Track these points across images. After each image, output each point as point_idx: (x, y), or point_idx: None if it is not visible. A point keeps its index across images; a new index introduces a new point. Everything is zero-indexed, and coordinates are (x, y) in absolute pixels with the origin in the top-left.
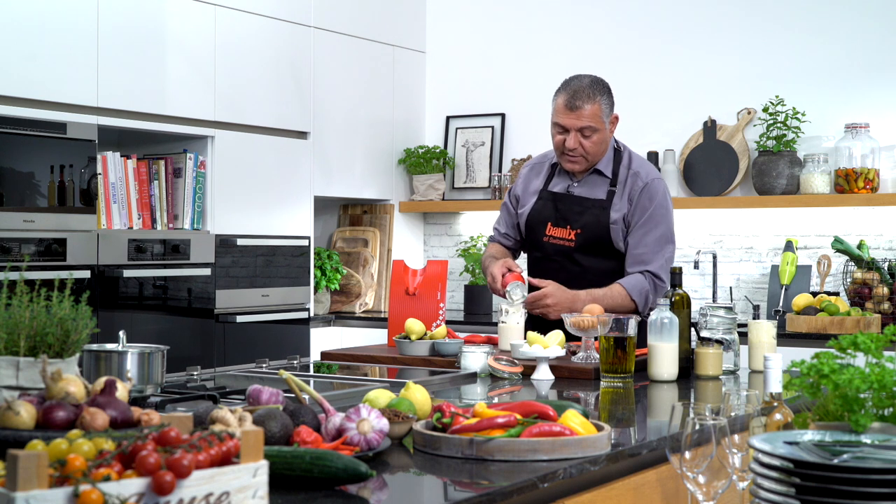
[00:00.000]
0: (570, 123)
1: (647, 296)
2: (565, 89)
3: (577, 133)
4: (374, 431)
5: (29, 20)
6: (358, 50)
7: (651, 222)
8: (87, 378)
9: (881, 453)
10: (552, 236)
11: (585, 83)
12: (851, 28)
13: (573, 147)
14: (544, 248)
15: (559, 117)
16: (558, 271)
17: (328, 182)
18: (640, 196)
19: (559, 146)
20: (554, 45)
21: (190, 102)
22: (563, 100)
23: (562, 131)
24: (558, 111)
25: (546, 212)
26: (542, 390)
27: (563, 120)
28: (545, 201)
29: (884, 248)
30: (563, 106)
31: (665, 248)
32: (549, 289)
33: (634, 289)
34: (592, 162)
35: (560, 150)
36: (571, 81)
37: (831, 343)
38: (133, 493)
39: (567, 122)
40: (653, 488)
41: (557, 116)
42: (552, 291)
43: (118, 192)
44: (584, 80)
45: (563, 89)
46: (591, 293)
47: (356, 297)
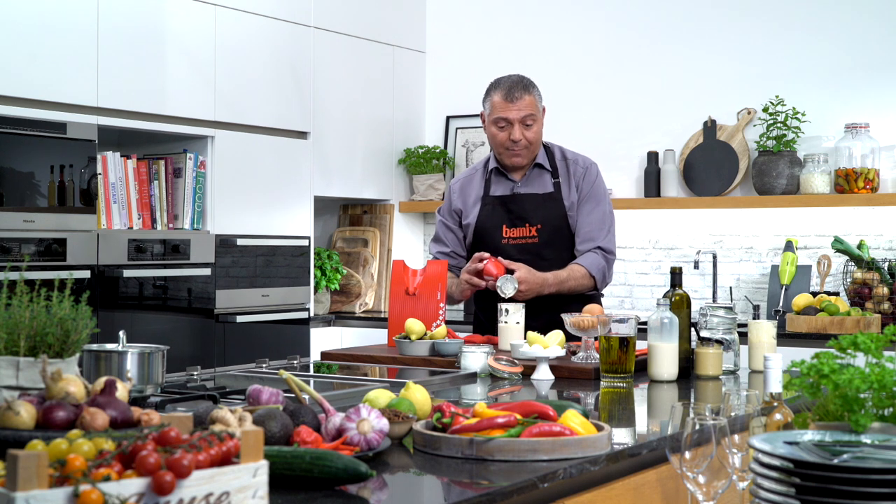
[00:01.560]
0: (513, 115)
1: (603, 272)
2: (498, 87)
3: (520, 124)
4: (374, 431)
5: (29, 20)
6: (358, 50)
7: (594, 200)
8: (87, 378)
9: (881, 453)
10: (511, 237)
11: (516, 78)
12: (851, 28)
13: (518, 138)
14: (505, 251)
15: (500, 111)
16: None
17: (328, 182)
18: (583, 179)
19: (503, 142)
20: (554, 46)
21: (190, 102)
22: (501, 94)
23: (504, 125)
24: (498, 107)
25: (497, 216)
26: (542, 390)
27: (504, 113)
28: (492, 206)
29: (884, 248)
30: (503, 100)
31: (610, 223)
32: (521, 273)
33: (593, 266)
34: (534, 153)
35: (503, 146)
36: (501, 80)
37: (831, 343)
38: (133, 493)
39: (509, 114)
40: (653, 488)
41: (498, 111)
42: (524, 276)
43: (118, 192)
44: (514, 76)
45: (495, 88)
46: (556, 275)
47: (356, 297)
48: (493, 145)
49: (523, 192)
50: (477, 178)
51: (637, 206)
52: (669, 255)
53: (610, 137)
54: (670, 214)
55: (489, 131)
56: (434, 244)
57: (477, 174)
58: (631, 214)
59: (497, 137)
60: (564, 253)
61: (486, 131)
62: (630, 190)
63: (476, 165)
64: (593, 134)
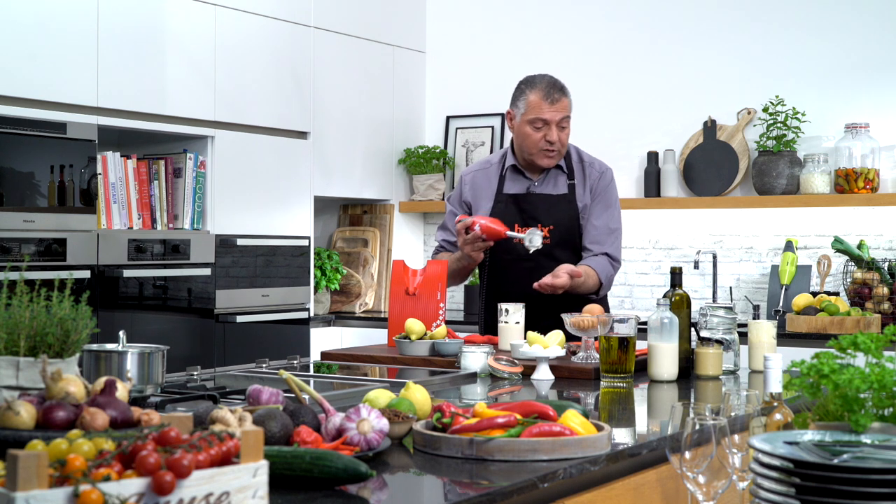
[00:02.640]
0: (552, 116)
1: (610, 279)
2: (535, 86)
3: (556, 126)
4: (374, 431)
5: (29, 20)
6: (358, 50)
7: (604, 205)
8: (87, 378)
9: (881, 453)
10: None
11: (551, 79)
12: (851, 28)
13: (555, 140)
14: (516, 250)
15: (539, 112)
16: (535, 270)
17: (328, 182)
18: (597, 183)
19: (537, 142)
20: (554, 46)
21: (190, 102)
22: (540, 94)
23: (541, 126)
24: (535, 107)
25: (509, 214)
26: (542, 390)
27: (543, 113)
28: (505, 204)
29: (884, 248)
30: (542, 100)
31: (618, 232)
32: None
33: (602, 272)
34: (562, 155)
35: (537, 147)
36: (535, 78)
37: (831, 343)
38: (133, 493)
39: (549, 115)
40: (653, 488)
41: (536, 112)
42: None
43: (118, 192)
44: (547, 76)
45: (531, 87)
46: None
47: (356, 297)
48: (525, 145)
49: (538, 192)
50: (491, 173)
51: (637, 206)
52: (669, 255)
53: (610, 137)
54: (670, 214)
55: (522, 130)
56: (441, 231)
57: (491, 169)
58: (631, 214)
59: (531, 138)
60: (574, 255)
61: (517, 130)
62: (630, 190)
63: (490, 159)
64: (593, 134)
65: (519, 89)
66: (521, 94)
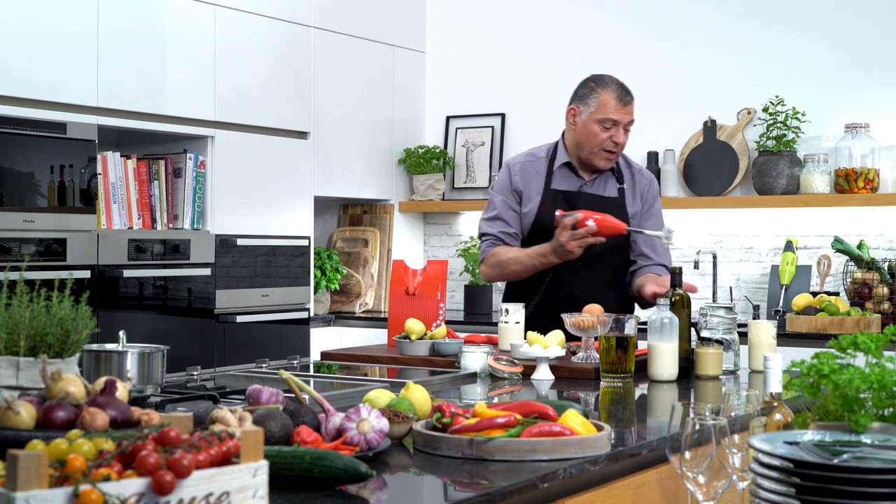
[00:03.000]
0: (622, 118)
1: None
2: (607, 86)
3: (623, 128)
4: (374, 431)
5: (29, 20)
6: (358, 50)
7: (656, 216)
8: (87, 378)
9: (881, 453)
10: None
11: (620, 81)
12: (851, 28)
13: (620, 142)
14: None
15: (612, 112)
16: (581, 270)
17: (328, 182)
18: (648, 191)
19: (603, 142)
20: (554, 46)
21: (190, 102)
22: (613, 95)
23: (611, 126)
24: (609, 107)
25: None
26: (542, 390)
27: (616, 115)
28: (554, 200)
29: (884, 248)
30: (616, 100)
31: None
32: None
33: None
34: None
35: (602, 146)
36: (605, 79)
37: (831, 343)
38: (133, 493)
39: (619, 117)
40: (653, 488)
41: (609, 112)
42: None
43: (118, 192)
44: (615, 78)
45: (604, 87)
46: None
47: (356, 297)
48: (587, 143)
49: (589, 191)
50: (539, 167)
51: None
52: None
53: None
54: (670, 214)
55: (588, 128)
56: (492, 223)
57: (539, 163)
58: None
59: (598, 137)
60: (622, 259)
61: (581, 127)
62: None
63: (535, 152)
64: None
65: (587, 87)
66: (592, 92)
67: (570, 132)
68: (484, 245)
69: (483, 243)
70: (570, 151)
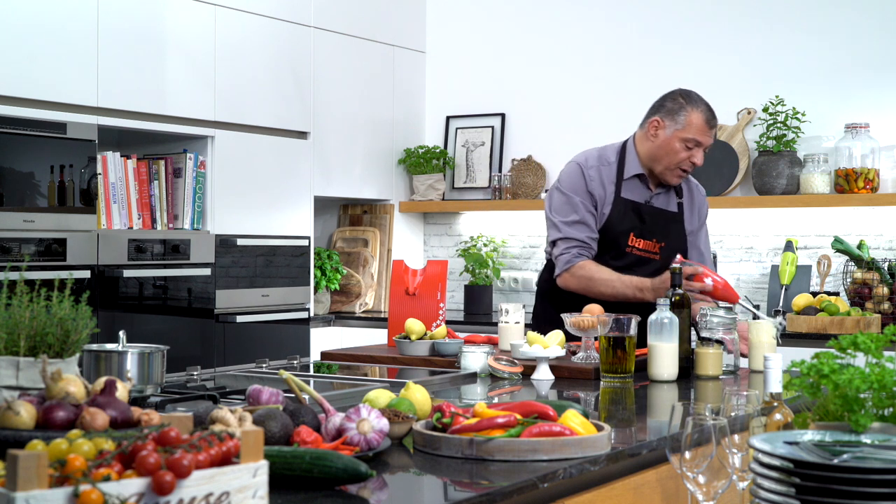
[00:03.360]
0: (706, 141)
1: None
2: (697, 106)
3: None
4: (374, 431)
5: (29, 20)
6: (358, 50)
7: (705, 231)
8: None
9: (881, 453)
10: (636, 247)
11: (707, 102)
12: (851, 28)
13: (700, 163)
14: (626, 258)
15: (698, 134)
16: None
17: (328, 182)
18: (703, 207)
19: (682, 161)
20: (554, 45)
21: (190, 102)
22: (703, 116)
23: (694, 146)
24: (698, 128)
25: (627, 222)
26: (542, 390)
27: (701, 137)
28: (624, 210)
29: (884, 248)
30: (705, 123)
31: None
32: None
33: None
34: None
35: (680, 165)
36: (695, 96)
37: (831, 343)
38: (133, 493)
39: (704, 140)
40: (653, 488)
41: (695, 132)
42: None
43: (118, 192)
44: (702, 98)
45: (694, 106)
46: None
47: (356, 297)
48: (665, 159)
49: (656, 204)
50: (611, 173)
51: None
52: None
53: (610, 137)
54: None
55: (670, 144)
56: (577, 227)
57: (610, 168)
58: None
59: (678, 155)
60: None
61: (663, 141)
62: None
63: (606, 155)
64: (593, 134)
65: (677, 102)
66: (682, 109)
67: (646, 142)
68: (571, 252)
69: (568, 249)
70: (643, 161)
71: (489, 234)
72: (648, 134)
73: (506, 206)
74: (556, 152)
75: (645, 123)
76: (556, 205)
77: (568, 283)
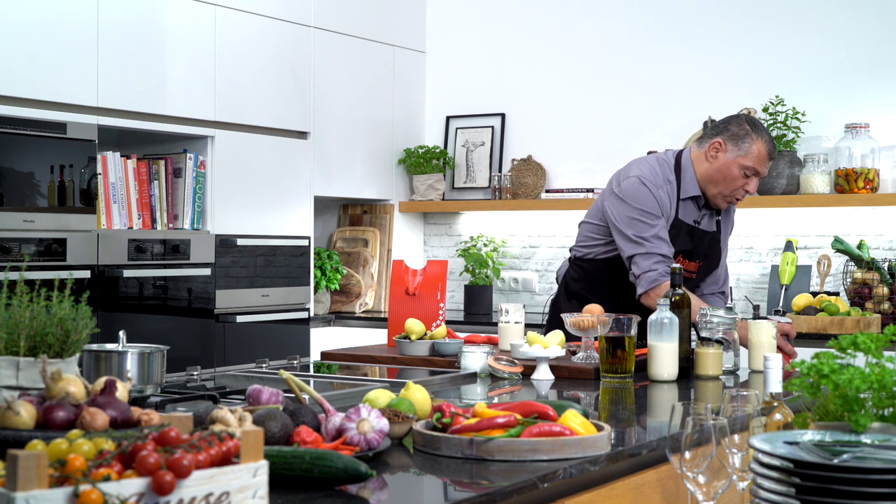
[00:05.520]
0: (763, 172)
1: None
2: (765, 135)
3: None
4: (374, 431)
5: (29, 20)
6: (358, 50)
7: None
8: (87, 378)
9: (881, 453)
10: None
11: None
12: (851, 28)
13: (753, 192)
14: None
15: (758, 164)
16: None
17: (328, 182)
18: (734, 221)
19: (736, 189)
20: (554, 45)
21: (190, 102)
22: (765, 147)
23: (752, 175)
24: (759, 158)
25: (680, 243)
26: (542, 390)
27: (761, 167)
28: (678, 231)
29: (884, 248)
30: (766, 154)
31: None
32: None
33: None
34: None
35: (734, 193)
36: (761, 126)
37: (831, 343)
38: (133, 493)
39: (762, 170)
40: (653, 488)
41: (756, 162)
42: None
43: (118, 192)
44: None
45: (759, 135)
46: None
47: (356, 297)
48: (723, 184)
49: (702, 227)
50: (672, 193)
51: None
52: None
53: (610, 137)
54: None
55: (729, 170)
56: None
57: (672, 188)
58: None
59: (735, 182)
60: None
61: (722, 164)
62: None
63: (665, 174)
64: (593, 134)
65: (743, 129)
66: (748, 136)
67: (705, 163)
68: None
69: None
70: (700, 182)
71: (489, 234)
72: (708, 154)
73: (506, 206)
74: (556, 152)
75: (705, 143)
76: (633, 221)
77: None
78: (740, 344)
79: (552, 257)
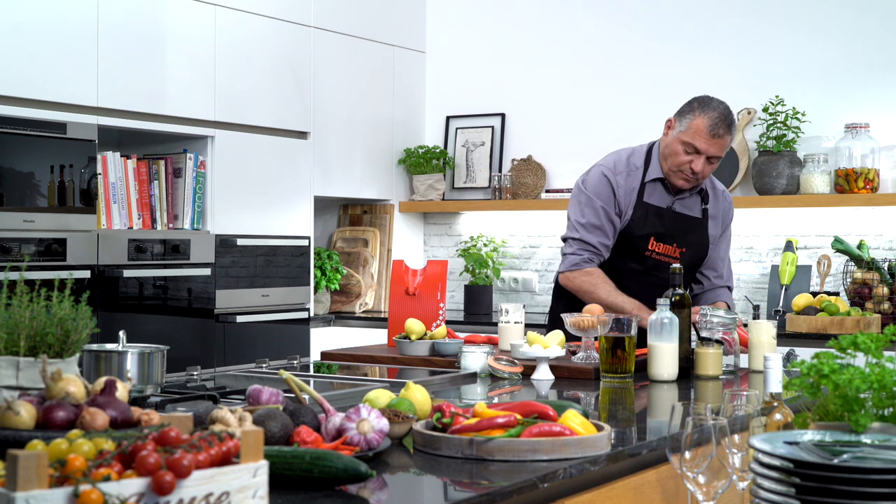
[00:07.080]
0: (706, 149)
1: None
2: (708, 112)
3: (705, 158)
4: (374, 431)
5: (29, 20)
6: (358, 50)
7: (728, 237)
8: (87, 378)
9: (881, 453)
10: (656, 251)
11: (724, 111)
12: (851, 28)
13: (699, 171)
14: (646, 262)
15: (698, 140)
16: (658, 286)
17: (328, 182)
18: (728, 214)
19: (681, 165)
20: (554, 45)
21: (190, 102)
22: (706, 123)
23: (692, 152)
24: (698, 133)
25: (648, 226)
26: (542, 390)
27: (701, 144)
28: (645, 214)
29: (884, 248)
30: (707, 131)
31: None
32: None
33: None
34: (699, 184)
35: (679, 169)
36: (712, 104)
37: (831, 343)
38: (133, 493)
39: (704, 147)
40: (653, 488)
41: (695, 138)
42: None
43: (118, 192)
44: (723, 107)
45: (702, 111)
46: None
47: (356, 297)
48: (669, 160)
49: (678, 209)
50: (635, 179)
51: None
52: None
53: (609, 137)
54: None
55: (673, 146)
56: (594, 232)
57: (636, 174)
58: None
59: (678, 158)
60: (691, 278)
61: (668, 141)
62: None
63: (634, 160)
64: (593, 134)
65: (690, 105)
66: (691, 111)
67: (662, 142)
68: (583, 256)
69: (581, 251)
70: (660, 162)
71: (489, 234)
72: (663, 134)
73: (506, 206)
74: (556, 152)
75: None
76: (578, 205)
77: (570, 284)
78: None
79: (552, 257)
